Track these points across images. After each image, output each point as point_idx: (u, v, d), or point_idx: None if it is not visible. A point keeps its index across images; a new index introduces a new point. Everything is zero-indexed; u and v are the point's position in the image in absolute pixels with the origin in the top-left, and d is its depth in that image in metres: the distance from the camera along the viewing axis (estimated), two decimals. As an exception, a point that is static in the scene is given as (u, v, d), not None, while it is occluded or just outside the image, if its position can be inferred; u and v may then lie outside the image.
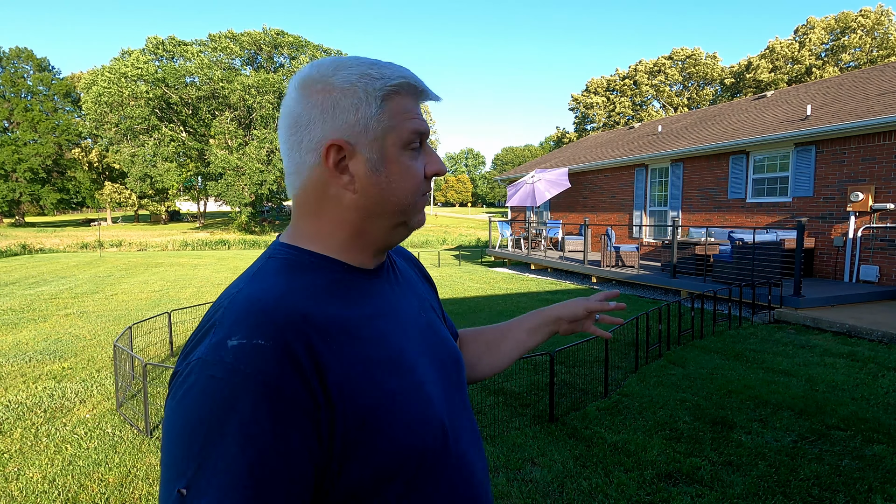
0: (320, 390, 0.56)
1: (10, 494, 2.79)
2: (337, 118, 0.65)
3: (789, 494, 2.69)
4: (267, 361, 0.54)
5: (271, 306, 0.59)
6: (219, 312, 0.60)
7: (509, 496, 2.71)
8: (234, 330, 0.56)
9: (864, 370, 4.61)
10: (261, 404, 0.53)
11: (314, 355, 0.57)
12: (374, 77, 0.66)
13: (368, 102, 0.65)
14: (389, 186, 0.67)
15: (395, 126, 0.66)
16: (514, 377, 4.56)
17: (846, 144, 8.35)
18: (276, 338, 0.56)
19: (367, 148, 0.66)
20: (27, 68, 47.17)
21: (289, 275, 0.65)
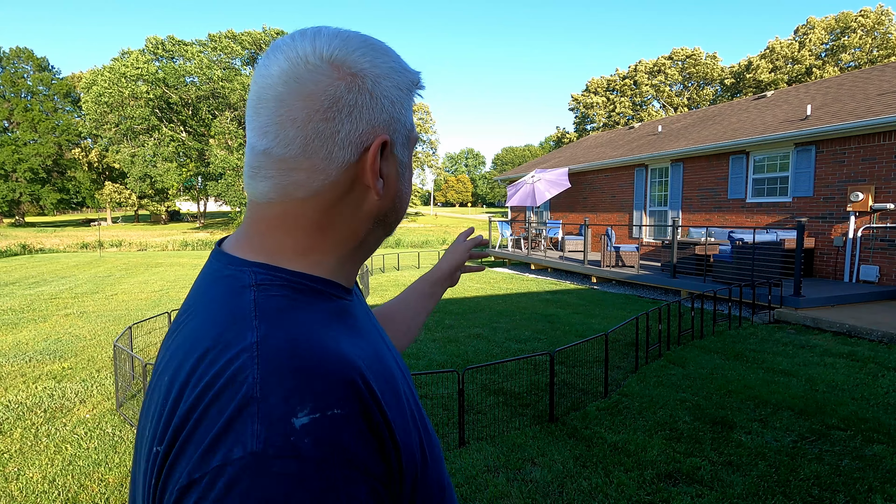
0: (393, 451, 0.45)
1: (10, 494, 2.79)
2: (385, 109, 0.53)
3: (789, 494, 2.69)
4: (353, 438, 0.41)
5: (328, 356, 0.44)
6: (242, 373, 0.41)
7: (509, 496, 2.71)
8: (294, 399, 0.40)
9: (864, 370, 4.61)
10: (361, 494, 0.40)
11: (382, 410, 0.45)
12: (406, 70, 0.56)
13: (405, 98, 0.55)
14: (405, 192, 0.58)
15: (414, 126, 0.58)
16: (514, 377, 4.56)
17: (846, 144, 8.35)
18: (351, 400, 0.42)
19: (401, 148, 0.55)
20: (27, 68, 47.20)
21: (309, 310, 0.49)
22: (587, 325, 6.64)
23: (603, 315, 7.27)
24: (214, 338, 0.45)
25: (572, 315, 7.28)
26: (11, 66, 46.32)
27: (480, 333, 6.20)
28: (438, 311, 7.57)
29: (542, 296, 9.05)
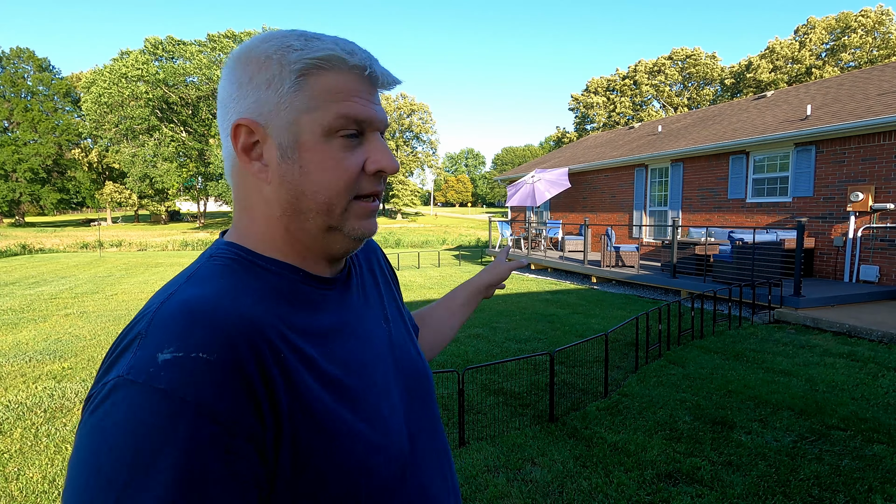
0: (270, 415, 0.47)
1: (10, 494, 2.79)
2: (249, 95, 0.56)
3: (789, 494, 2.69)
4: (209, 382, 0.44)
5: (216, 312, 0.48)
6: (144, 320, 0.48)
7: (509, 496, 2.71)
8: (167, 341, 0.45)
9: (864, 370, 4.61)
10: (202, 438, 0.42)
11: (266, 370, 0.48)
12: (295, 48, 0.55)
13: (280, 77, 0.55)
14: (303, 178, 0.56)
15: (315, 108, 0.55)
16: (514, 377, 4.56)
17: (846, 144, 8.35)
18: (223, 350, 0.46)
19: (279, 131, 0.55)
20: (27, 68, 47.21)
21: (233, 277, 0.55)
22: (587, 325, 6.64)
23: (603, 315, 7.27)
24: (157, 293, 0.53)
25: (572, 315, 7.28)
26: (11, 66, 46.32)
27: (480, 333, 6.20)
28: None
29: (542, 296, 9.05)
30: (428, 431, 0.68)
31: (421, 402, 0.69)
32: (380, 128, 0.60)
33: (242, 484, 0.44)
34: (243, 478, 0.44)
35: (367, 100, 0.58)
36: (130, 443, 0.41)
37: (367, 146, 0.59)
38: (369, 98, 0.58)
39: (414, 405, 0.67)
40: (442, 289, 9.95)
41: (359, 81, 0.57)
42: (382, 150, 0.59)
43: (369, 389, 0.59)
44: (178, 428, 0.42)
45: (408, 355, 0.70)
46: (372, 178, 0.59)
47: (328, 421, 0.52)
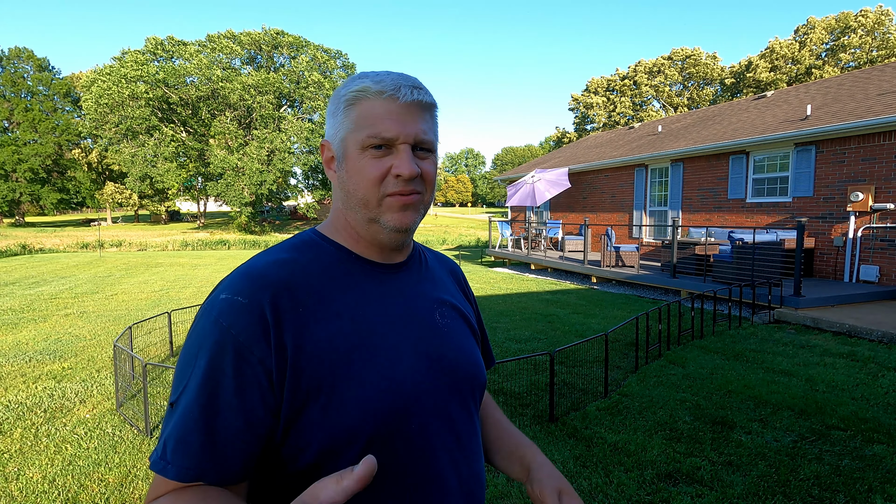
0: (275, 342, 0.66)
1: (10, 494, 2.79)
2: (328, 123, 0.79)
3: (789, 494, 2.69)
4: (240, 315, 0.66)
5: (259, 272, 0.71)
6: (231, 273, 0.73)
7: (509, 496, 2.71)
8: (227, 288, 0.70)
9: (864, 370, 4.61)
10: (227, 350, 0.65)
11: (278, 312, 0.67)
12: (347, 85, 0.76)
13: (338, 108, 0.76)
14: (348, 180, 0.75)
15: (355, 129, 0.74)
16: (514, 377, 4.56)
17: (846, 144, 8.34)
18: (252, 298, 0.68)
19: (337, 147, 0.77)
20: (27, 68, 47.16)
21: (293, 251, 0.76)
22: (587, 325, 6.64)
23: (603, 315, 7.27)
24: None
25: (572, 315, 7.28)
26: (11, 66, 46.28)
27: (480, 333, 6.19)
28: (438, 311, 7.57)
29: (542, 296, 9.05)
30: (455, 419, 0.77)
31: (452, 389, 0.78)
32: (408, 141, 0.74)
33: (246, 382, 0.65)
34: (248, 378, 0.65)
35: (395, 120, 0.73)
36: (196, 346, 0.67)
37: (395, 156, 0.73)
38: (400, 118, 0.73)
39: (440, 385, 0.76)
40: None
41: (387, 105, 0.73)
42: (403, 159, 0.73)
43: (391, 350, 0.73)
44: (216, 339, 0.66)
45: (454, 345, 0.81)
46: (397, 181, 0.73)
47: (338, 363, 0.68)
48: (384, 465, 0.69)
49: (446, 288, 0.88)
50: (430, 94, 0.77)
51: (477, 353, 0.86)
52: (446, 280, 0.91)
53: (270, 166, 32.38)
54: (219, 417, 0.64)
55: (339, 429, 0.67)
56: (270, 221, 44.04)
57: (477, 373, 0.83)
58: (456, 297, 0.89)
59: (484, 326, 0.98)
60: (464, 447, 0.78)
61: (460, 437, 0.77)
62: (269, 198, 37.56)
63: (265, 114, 33.00)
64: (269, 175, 32.07)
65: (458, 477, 0.76)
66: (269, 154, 32.67)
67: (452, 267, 0.97)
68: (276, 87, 32.99)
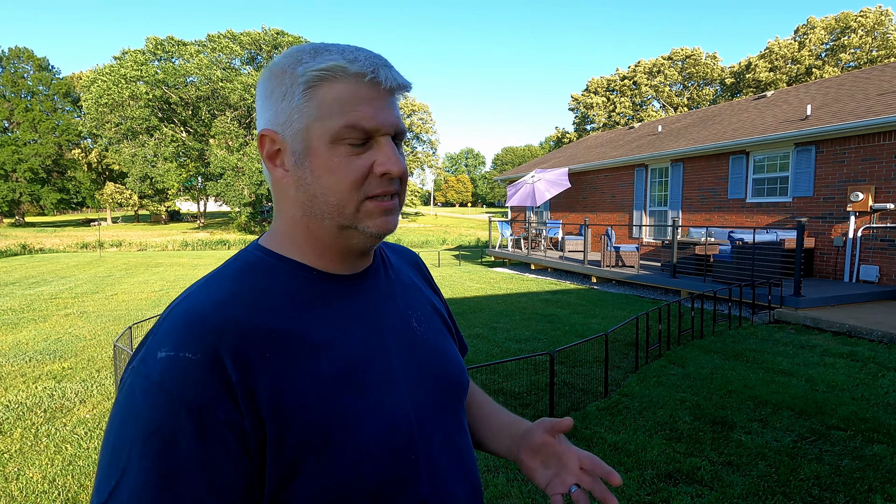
0: (248, 407, 0.53)
1: (10, 494, 2.79)
2: (271, 106, 0.61)
3: (789, 494, 2.69)
4: (192, 378, 0.52)
5: (206, 316, 0.55)
6: (161, 319, 0.58)
7: (509, 496, 2.71)
8: (166, 341, 0.54)
9: (864, 370, 4.61)
10: (182, 424, 0.50)
11: (245, 369, 0.53)
12: (304, 61, 0.60)
13: (293, 89, 0.60)
14: (314, 182, 0.60)
15: (323, 116, 0.59)
16: (514, 377, 4.56)
17: (846, 144, 8.34)
18: (205, 351, 0.53)
19: (293, 139, 0.60)
20: (27, 68, 47.17)
21: (242, 279, 0.61)
22: (587, 325, 6.64)
23: (603, 315, 7.27)
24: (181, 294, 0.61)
25: (572, 315, 7.28)
26: (11, 66, 46.28)
27: (480, 333, 6.20)
28: (438, 311, 7.57)
29: (542, 296, 9.05)
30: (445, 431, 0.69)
31: (445, 403, 0.70)
32: (389, 132, 0.62)
33: (215, 458, 0.51)
34: (216, 453, 0.51)
35: (375, 107, 0.60)
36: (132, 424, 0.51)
37: (376, 150, 0.61)
38: (379, 105, 0.60)
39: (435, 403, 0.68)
40: (442, 288, 9.88)
41: (365, 89, 0.59)
42: (389, 154, 0.61)
43: (382, 379, 0.62)
44: (167, 416, 0.51)
45: (438, 353, 0.72)
46: (381, 180, 0.61)
47: (327, 410, 0.57)
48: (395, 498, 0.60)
49: (415, 286, 0.78)
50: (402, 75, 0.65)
51: (457, 353, 0.77)
52: (413, 276, 0.80)
53: (270, 166, 32.34)
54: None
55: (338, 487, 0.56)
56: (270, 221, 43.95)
57: (462, 376, 0.75)
58: (426, 292, 0.80)
59: (452, 315, 0.87)
60: (465, 462, 0.72)
61: (460, 447, 0.72)
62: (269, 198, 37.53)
63: (265, 114, 32.95)
64: (269, 175, 32.03)
65: (465, 487, 0.70)
66: (269, 154, 32.62)
67: (413, 258, 0.85)
68: (276, 87, 32.94)
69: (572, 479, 0.78)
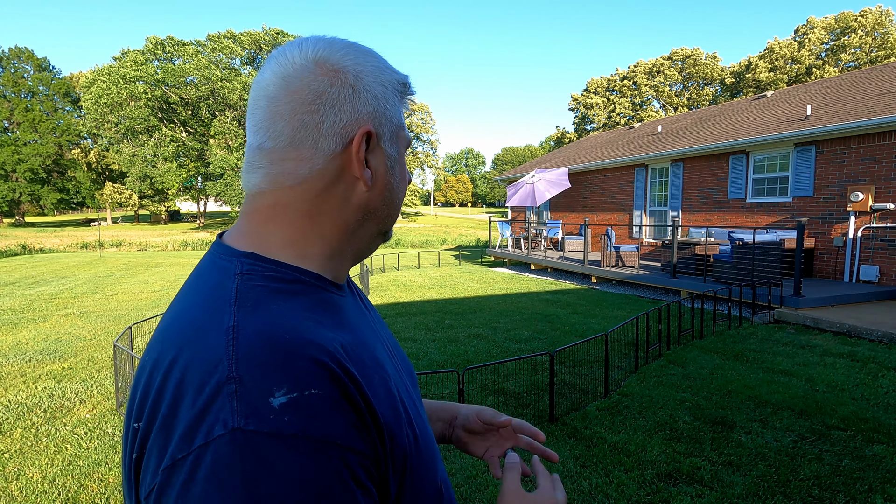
0: (378, 436, 0.47)
1: (10, 494, 2.79)
2: (369, 104, 0.55)
3: (789, 494, 2.69)
4: (330, 416, 0.43)
5: (299, 342, 0.45)
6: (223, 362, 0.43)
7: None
8: (271, 380, 0.41)
9: (864, 370, 4.61)
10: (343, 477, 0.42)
11: (363, 393, 0.47)
12: (393, 70, 0.59)
13: (393, 94, 0.58)
14: (396, 187, 0.59)
15: (403, 125, 0.60)
16: (514, 377, 4.56)
17: (846, 144, 8.35)
18: (326, 381, 0.44)
19: (389, 142, 0.57)
20: (27, 68, 47.18)
21: (284, 299, 0.51)
22: (587, 325, 6.64)
23: (603, 315, 7.27)
24: (196, 321, 0.47)
25: (572, 315, 7.28)
26: (11, 66, 46.29)
27: (480, 333, 6.20)
28: (438, 312, 7.58)
29: (542, 296, 9.05)
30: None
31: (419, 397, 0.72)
32: None
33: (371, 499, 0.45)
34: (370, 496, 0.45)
35: None
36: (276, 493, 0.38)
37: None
38: None
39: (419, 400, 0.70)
40: (442, 288, 9.95)
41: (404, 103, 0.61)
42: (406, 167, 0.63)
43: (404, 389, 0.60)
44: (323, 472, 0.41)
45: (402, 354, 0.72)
46: None
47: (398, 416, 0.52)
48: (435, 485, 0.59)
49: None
50: None
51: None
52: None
53: (270, 166, 32.38)
54: None
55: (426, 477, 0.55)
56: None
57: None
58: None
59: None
60: None
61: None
62: (269, 198, 37.53)
63: (265, 114, 32.99)
64: (269, 175, 32.07)
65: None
66: (269, 154, 32.67)
67: None
68: (276, 87, 32.97)
69: (509, 443, 0.79)
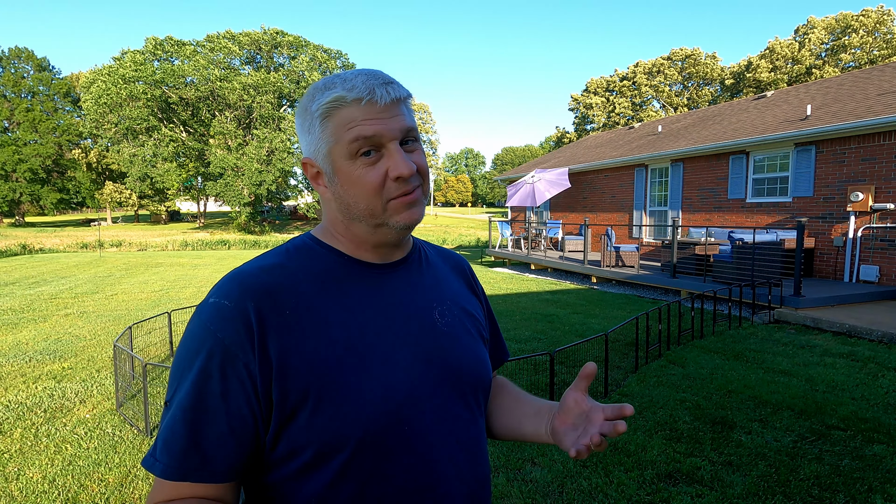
0: (259, 349, 0.66)
1: (10, 494, 2.79)
2: (304, 140, 0.76)
3: (789, 494, 2.69)
4: (224, 319, 0.67)
5: (245, 276, 0.71)
6: (224, 276, 0.73)
7: (509, 496, 2.71)
8: (216, 291, 0.70)
9: (864, 370, 4.61)
10: (213, 352, 0.66)
11: (262, 319, 0.67)
12: (316, 98, 0.72)
13: (313, 123, 0.73)
14: (345, 195, 0.73)
15: (337, 140, 0.71)
16: (514, 377, 4.56)
17: (846, 144, 8.35)
18: (237, 300, 0.68)
19: (323, 162, 0.74)
20: (27, 68, 47.15)
21: (284, 257, 0.75)
22: (587, 325, 6.64)
23: (603, 315, 7.27)
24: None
25: (572, 315, 7.28)
26: (11, 66, 46.27)
27: (480, 333, 6.19)
28: (438, 311, 7.57)
29: (542, 296, 9.05)
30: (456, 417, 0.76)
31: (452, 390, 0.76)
32: (395, 137, 0.71)
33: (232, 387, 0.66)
34: (233, 383, 0.66)
35: (375, 119, 0.69)
36: (187, 344, 0.69)
37: (387, 158, 0.71)
38: (379, 118, 0.70)
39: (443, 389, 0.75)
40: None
41: (364, 109, 0.70)
42: (398, 159, 0.70)
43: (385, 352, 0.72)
44: (205, 342, 0.67)
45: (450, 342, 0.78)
46: (397, 183, 0.71)
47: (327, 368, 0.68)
48: (379, 470, 0.69)
49: (449, 285, 0.86)
50: (402, 86, 0.74)
51: (480, 351, 0.83)
52: (450, 277, 0.88)
53: (270, 166, 32.37)
54: (204, 420, 0.66)
55: (328, 435, 0.67)
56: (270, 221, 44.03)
57: (479, 372, 0.81)
58: (460, 293, 0.87)
59: (495, 320, 0.97)
60: (466, 449, 0.76)
61: (462, 440, 0.76)
62: (269, 198, 37.58)
63: (265, 113, 33.01)
64: (269, 175, 32.06)
65: (461, 479, 0.75)
66: (268, 154, 32.66)
67: (458, 262, 0.93)
68: (276, 86, 32.98)
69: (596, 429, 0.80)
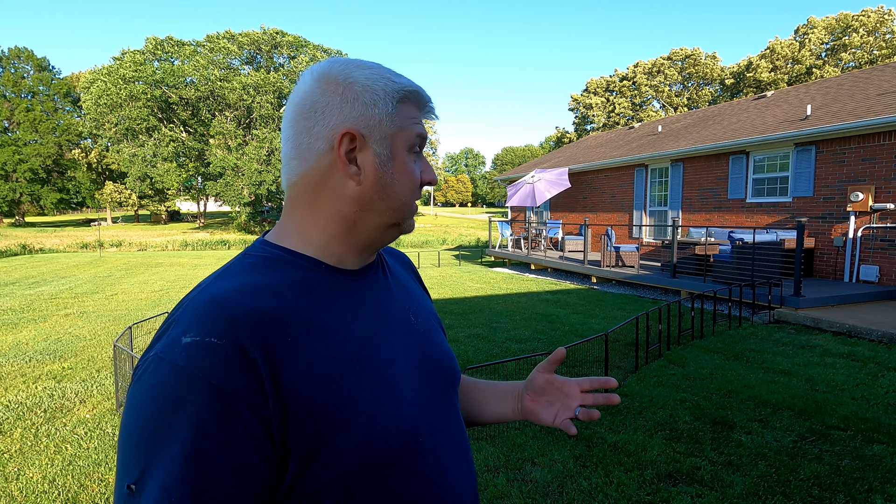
0: (272, 390, 0.55)
1: (10, 494, 2.79)
2: (355, 109, 0.66)
3: (789, 494, 2.69)
4: (217, 361, 0.54)
5: (229, 304, 0.58)
6: (180, 310, 0.60)
7: (509, 496, 2.71)
8: (190, 327, 0.56)
9: (864, 370, 4.61)
10: (208, 406, 0.52)
11: (269, 354, 0.56)
12: (393, 80, 0.69)
13: (385, 101, 0.67)
14: (392, 183, 0.68)
15: (404, 127, 0.68)
16: (514, 377, 4.56)
17: (846, 144, 8.34)
18: (230, 336, 0.55)
19: (379, 143, 0.67)
20: (27, 68, 47.16)
21: (258, 272, 0.64)
22: (587, 325, 6.64)
23: (603, 315, 7.27)
24: (196, 286, 0.64)
25: (572, 315, 7.28)
26: (11, 66, 46.26)
27: (480, 333, 6.20)
28: (438, 311, 7.56)
29: (542, 296, 9.05)
30: (444, 417, 0.75)
31: (442, 391, 0.75)
32: (425, 145, 0.74)
33: (241, 442, 0.53)
34: (242, 437, 0.53)
35: (424, 125, 0.73)
36: (157, 408, 0.53)
37: (422, 161, 0.72)
38: (426, 124, 0.74)
39: (433, 390, 0.73)
40: (442, 288, 9.94)
41: (424, 113, 0.73)
42: (429, 167, 0.73)
43: (388, 365, 0.67)
44: (191, 398, 0.53)
45: (436, 345, 0.78)
46: (421, 186, 0.72)
47: (341, 392, 0.60)
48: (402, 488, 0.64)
49: (408, 283, 0.84)
50: None
51: (448, 345, 0.83)
52: (406, 275, 0.86)
53: (269, 166, 32.37)
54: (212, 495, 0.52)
55: (352, 465, 0.59)
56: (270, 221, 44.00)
57: (454, 366, 0.80)
58: (417, 289, 0.86)
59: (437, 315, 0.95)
60: (463, 445, 0.77)
61: (459, 437, 0.76)
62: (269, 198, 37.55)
63: (265, 113, 33.00)
64: (269, 175, 32.06)
65: (465, 465, 0.75)
66: (268, 154, 32.66)
67: (405, 259, 0.92)
68: (276, 86, 32.97)
69: (576, 402, 0.84)
